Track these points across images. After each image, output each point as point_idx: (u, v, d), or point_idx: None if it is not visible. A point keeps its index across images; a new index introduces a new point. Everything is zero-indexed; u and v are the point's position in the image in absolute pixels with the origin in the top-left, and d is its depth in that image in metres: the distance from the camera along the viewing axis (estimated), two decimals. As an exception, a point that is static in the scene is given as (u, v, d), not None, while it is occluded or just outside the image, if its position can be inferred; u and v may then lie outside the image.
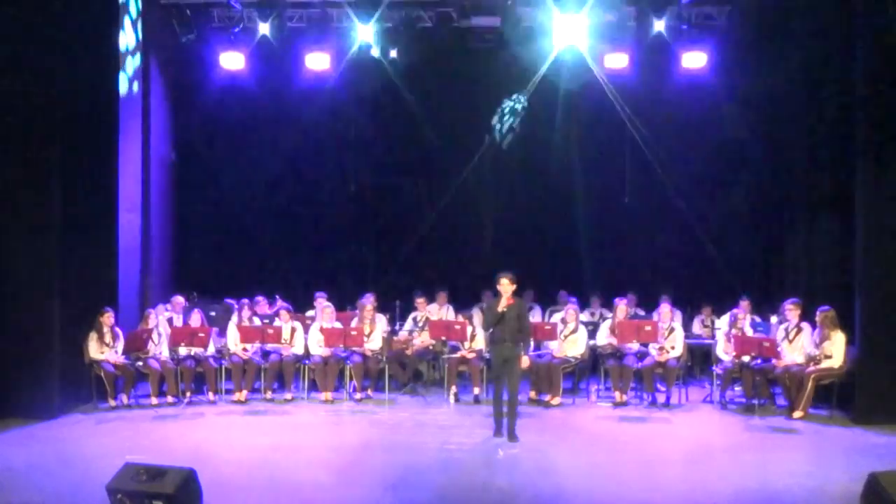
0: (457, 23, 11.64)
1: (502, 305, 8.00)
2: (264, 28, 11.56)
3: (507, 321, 8.01)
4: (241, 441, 8.35)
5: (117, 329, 9.72)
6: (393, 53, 11.89)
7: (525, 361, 8.23)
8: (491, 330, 8.21)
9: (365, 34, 11.65)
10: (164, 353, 9.93)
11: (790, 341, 9.47)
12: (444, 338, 10.31)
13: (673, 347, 9.83)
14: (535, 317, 11.77)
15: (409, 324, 11.15)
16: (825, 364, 9.05)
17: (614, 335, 9.95)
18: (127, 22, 10.89)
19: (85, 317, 9.45)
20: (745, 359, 9.45)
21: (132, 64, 11.09)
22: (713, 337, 10.68)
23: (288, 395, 10.06)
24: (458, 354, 10.21)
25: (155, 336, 9.91)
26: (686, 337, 10.35)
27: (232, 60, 11.75)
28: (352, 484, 6.85)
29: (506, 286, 8.03)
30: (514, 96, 10.99)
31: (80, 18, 9.38)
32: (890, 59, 8.74)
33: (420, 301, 11.21)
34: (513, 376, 8.05)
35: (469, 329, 10.17)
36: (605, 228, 13.05)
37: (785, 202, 11.60)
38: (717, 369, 9.91)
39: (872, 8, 8.80)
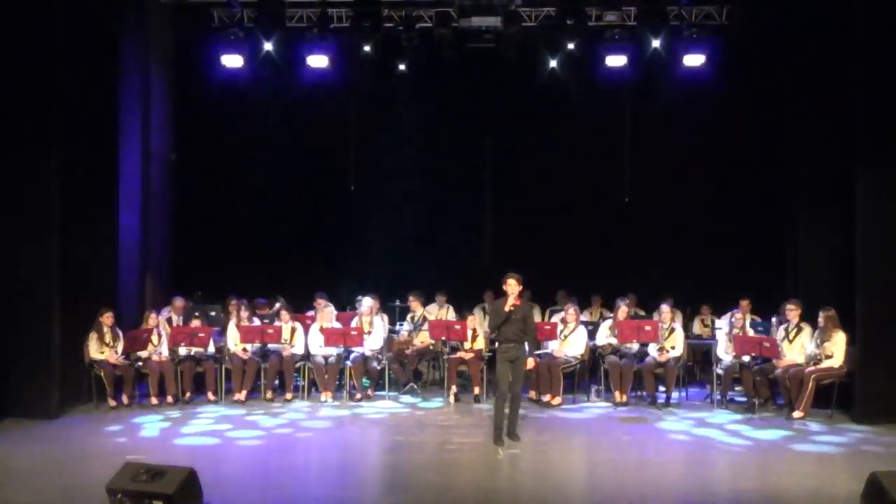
0: (457, 23, 11.63)
1: (508, 306, 7.93)
2: (264, 28, 11.54)
3: (513, 322, 7.97)
4: (241, 441, 8.36)
5: (117, 329, 9.72)
6: (393, 53, 11.90)
7: (531, 363, 8.20)
8: (496, 332, 8.17)
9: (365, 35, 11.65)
10: (164, 353, 9.93)
11: (790, 341, 9.46)
12: (444, 338, 10.31)
13: (673, 347, 9.83)
14: (535, 317, 11.75)
15: (406, 324, 11.11)
16: (826, 364, 9.05)
17: (614, 335, 9.95)
18: (127, 21, 10.87)
19: (85, 317, 9.45)
20: (745, 359, 9.45)
21: (132, 64, 11.07)
22: (713, 337, 10.67)
23: (288, 395, 10.06)
24: (457, 354, 10.21)
25: (155, 336, 9.91)
26: (686, 337, 10.35)
27: (232, 60, 11.72)
28: (352, 484, 6.85)
29: (512, 286, 7.93)
30: None
31: (81, 18, 9.38)
32: (890, 58, 8.74)
33: (414, 301, 11.11)
34: (517, 377, 8.03)
35: (469, 330, 10.16)
36: (605, 228, 13.04)
37: (785, 201, 11.59)
38: (717, 369, 9.91)
39: (873, 7, 8.80)
